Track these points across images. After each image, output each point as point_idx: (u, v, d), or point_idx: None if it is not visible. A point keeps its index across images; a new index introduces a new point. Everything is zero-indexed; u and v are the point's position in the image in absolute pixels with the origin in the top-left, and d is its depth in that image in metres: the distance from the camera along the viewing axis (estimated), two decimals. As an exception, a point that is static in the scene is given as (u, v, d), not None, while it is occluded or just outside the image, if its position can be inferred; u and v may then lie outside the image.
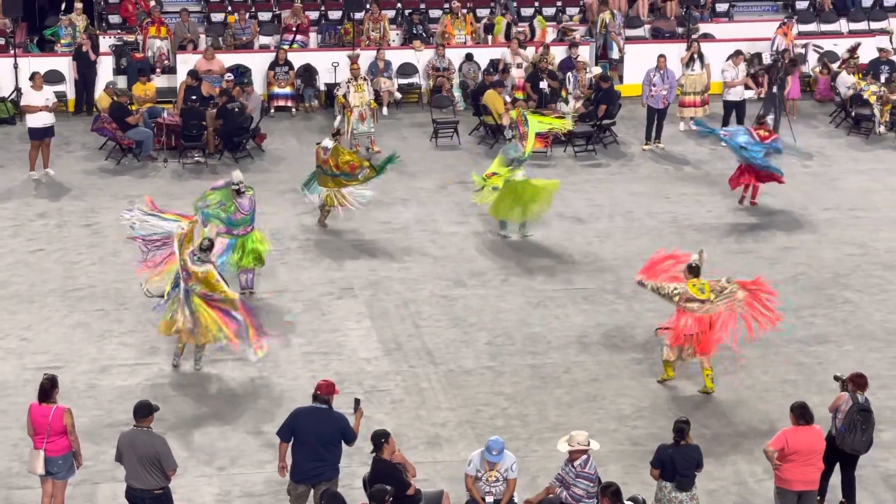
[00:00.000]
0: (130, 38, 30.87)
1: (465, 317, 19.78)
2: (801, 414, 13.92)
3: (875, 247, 22.44)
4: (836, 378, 14.90)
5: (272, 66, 29.98)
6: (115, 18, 31.84)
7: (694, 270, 17.35)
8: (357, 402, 14.31)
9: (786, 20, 31.41)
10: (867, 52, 30.49)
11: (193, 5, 32.66)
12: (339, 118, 27.35)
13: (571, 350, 18.74)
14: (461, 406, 17.17)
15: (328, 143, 22.41)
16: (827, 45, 31.75)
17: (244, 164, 26.41)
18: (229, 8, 32.46)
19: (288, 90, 29.99)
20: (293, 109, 29.97)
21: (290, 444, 13.97)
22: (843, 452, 14.48)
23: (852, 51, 30.34)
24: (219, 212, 19.83)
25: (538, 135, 23.03)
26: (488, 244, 22.55)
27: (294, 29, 31.42)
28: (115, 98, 26.82)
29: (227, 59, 29.80)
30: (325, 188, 22.62)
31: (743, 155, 23.65)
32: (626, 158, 27.13)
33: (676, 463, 13.69)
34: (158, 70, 30.22)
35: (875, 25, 33.14)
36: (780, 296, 20.28)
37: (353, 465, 14.99)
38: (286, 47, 30.59)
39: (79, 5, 30.27)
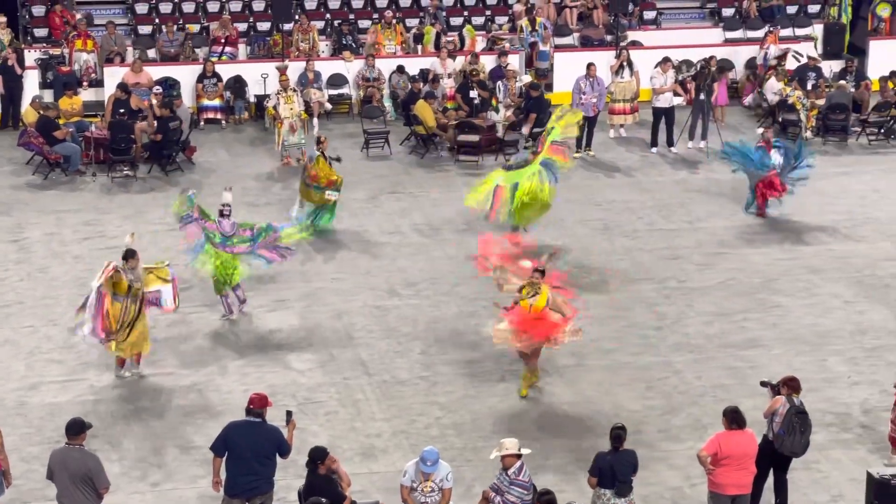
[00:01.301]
0: (56, 51, 30.58)
1: (398, 327, 19.75)
2: (734, 418, 14.00)
3: (804, 251, 22.65)
4: (764, 384, 15.01)
5: (201, 78, 29.82)
6: (40, 32, 31.52)
7: (543, 273, 17.41)
8: (289, 413, 14.25)
9: (771, 28, 31.68)
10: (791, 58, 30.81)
11: (120, 18, 32.41)
12: (316, 125, 27.13)
13: (505, 359, 18.73)
14: (396, 417, 17.14)
15: (313, 151, 22.64)
16: (754, 51, 32.02)
17: (174, 176, 26.25)
18: (156, 20, 32.26)
19: (217, 102, 29.83)
20: (223, 122, 29.82)
21: (224, 458, 13.88)
22: (778, 456, 14.58)
23: (780, 58, 30.62)
24: (213, 235, 19.50)
25: (554, 143, 22.69)
26: (421, 254, 22.55)
27: (223, 41, 31.28)
28: (42, 112, 26.57)
29: (156, 72, 29.60)
30: (311, 202, 22.81)
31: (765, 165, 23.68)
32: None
33: (616, 469, 13.74)
34: (85, 83, 29.96)
35: (800, 32, 33.46)
36: (714, 300, 20.51)
37: (288, 478, 14.91)
38: (215, 59, 30.44)
39: (2, 19, 29.94)
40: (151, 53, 31.14)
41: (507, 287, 17.78)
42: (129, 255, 17.78)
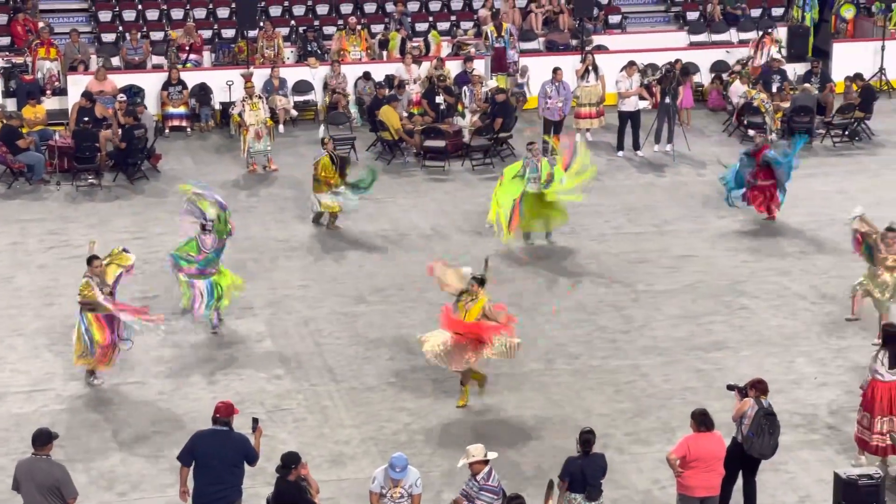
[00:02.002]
0: (19, 59, 30.43)
1: (366, 333, 19.71)
2: (702, 421, 14.03)
3: (770, 253, 22.72)
4: (730, 387, 15.03)
5: (165, 85, 29.72)
6: (3, 40, 31.36)
7: (481, 281, 17.34)
8: (255, 421, 14.19)
9: (769, 30, 31.78)
10: (756, 61, 30.92)
11: (83, 26, 32.29)
12: (322, 128, 27.19)
13: (473, 363, 18.74)
14: (364, 423, 17.09)
15: (320, 152, 23.24)
16: (719, 54, 32.14)
17: (140, 185, 26.14)
18: (120, 28, 32.14)
19: (182, 110, 29.74)
20: (188, 129, 29.73)
21: (192, 468, 13.80)
22: (747, 458, 14.60)
23: (744, 63, 30.73)
24: (188, 256, 19.37)
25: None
26: (388, 260, 22.51)
27: (187, 48, 31.18)
28: (6, 121, 26.42)
29: (120, 80, 29.49)
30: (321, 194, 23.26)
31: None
32: (524, 171, 27.19)
33: (586, 473, 13.74)
34: (49, 92, 29.82)
35: (764, 35, 33.63)
36: (681, 303, 20.55)
37: (257, 486, 14.84)
38: (179, 66, 30.34)
39: (-35, 28, 29.84)
40: (115, 61, 31.02)
41: (446, 289, 17.71)
42: (90, 260, 17.74)
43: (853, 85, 29.39)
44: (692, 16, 34.29)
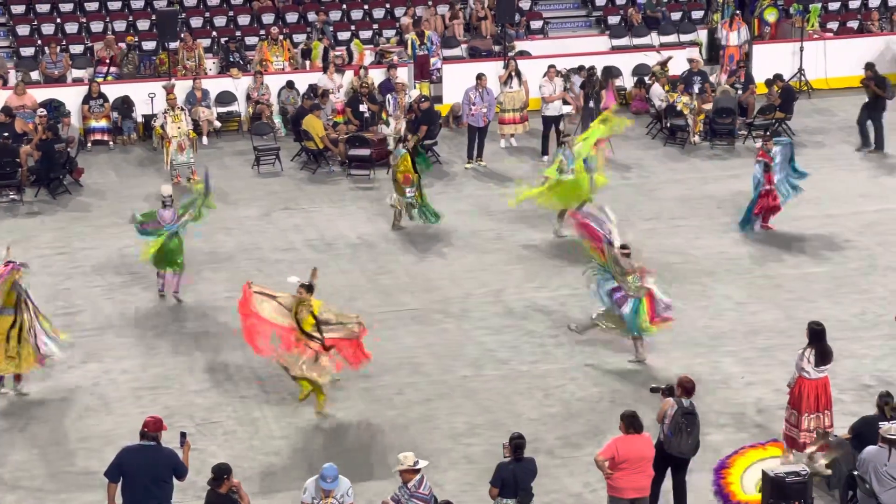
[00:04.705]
0: (-64, 75, 30.08)
1: (294, 344, 19.61)
2: (631, 422, 14.10)
3: (695, 254, 22.88)
4: (653, 390, 15.11)
5: (86, 99, 29.45)
6: (-81, 56, 31.00)
7: (309, 288, 17.39)
8: (183, 435, 14.09)
9: (737, 11, 32.02)
10: (678, 63, 31.13)
11: (1, 40, 31.95)
12: (391, 126, 27.73)
13: (403, 371, 18.72)
14: (294, 434, 17.02)
15: (400, 149, 23.74)
16: (639, 58, 32.33)
17: (63, 199, 25.89)
18: (39, 42, 31.82)
19: (104, 123, 29.48)
20: (110, 143, 29.47)
21: (120, 484, 13.67)
22: (673, 458, 14.69)
23: (663, 64, 30.95)
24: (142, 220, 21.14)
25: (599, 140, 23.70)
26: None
27: (108, 61, 30.92)
28: (-76, 138, 26.08)
29: (39, 94, 29.18)
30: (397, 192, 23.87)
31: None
32: (450, 178, 27.26)
33: (518, 478, 13.78)
34: (-32, 108, 29.44)
35: (685, 38, 33.88)
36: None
37: (187, 500, 14.76)
38: (100, 80, 30.09)
39: None
40: (35, 75, 30.71)
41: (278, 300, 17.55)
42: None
43: (775, 87, 29.64)
44: (613, 20, 34.48)
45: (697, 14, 34.90)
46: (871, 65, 28.57)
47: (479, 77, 28.01)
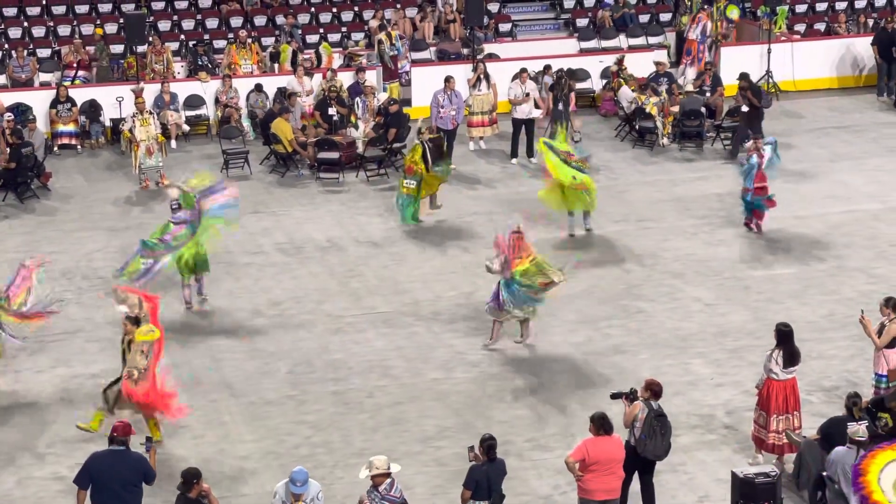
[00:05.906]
0: None
1: (264, 347, 19.60)
2: (601, 424, 14.12)
3: (664, 256, 22.93)
4: (614, 396, 15.10)
5: (54, 103, 29.32)
6: None
7: (135, 321, 16.78)
8: (148, 439, 14.07)
9: (705, 6, 32.08)
10: (646, 66, 31.19)
11: (-33, 44, 31.81)
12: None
13: (373, 374, 18.72)
14: (264, 437, 17.00)
15: (414, 140, 24.27)
16: (608, 60, 32.38)
17: (30, 204, 25.77)
18: (6, 46, 31.66)
19: (72, 128, 29.33)
20: (78, 147, 29.33)
21: (89, 490, 13.62)
22: (642, 460, 14.73)
23: (619, 62, 30.95)
24: (156, 241, 20.34)
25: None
26: (284, 273, 22.40)
27: (75, 65, 30.80)
28: None
29: (7, 98, 29.04)
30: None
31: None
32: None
33: (491, 480, 13.80)
34: (-66, 113, 29.27)
35: (653, 40, 33.97)
36: (578, 308, 20.65)
37: (156, 505, 14.71)
38: (68, 84, 29.97)
39: None
40: (1, 79, 30.55)
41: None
42: None
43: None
44: (582, 23, 34.54)
45: (666, 16, 34.99)
46: (746, 75, 28.43)
47: (448, 80, 28.02)
